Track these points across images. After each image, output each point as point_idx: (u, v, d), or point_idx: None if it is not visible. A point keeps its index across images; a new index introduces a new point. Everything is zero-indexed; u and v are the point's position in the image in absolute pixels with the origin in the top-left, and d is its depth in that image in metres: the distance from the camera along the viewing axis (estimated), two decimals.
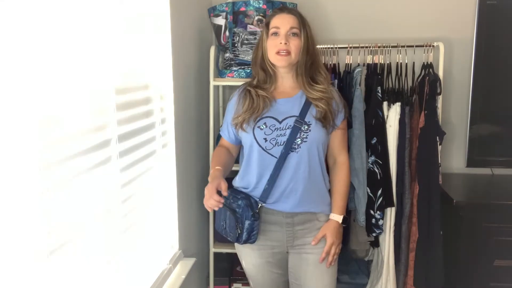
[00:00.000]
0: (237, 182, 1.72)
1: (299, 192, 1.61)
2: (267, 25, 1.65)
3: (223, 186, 1.49)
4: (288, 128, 1.60)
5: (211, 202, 1.49)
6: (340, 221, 1.66)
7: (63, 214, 1.05)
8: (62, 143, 1.05)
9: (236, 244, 1.72)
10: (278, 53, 1.59)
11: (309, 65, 1.64)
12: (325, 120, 1.62)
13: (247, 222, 1.58)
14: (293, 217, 1.63)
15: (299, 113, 1.61)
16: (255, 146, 1.62)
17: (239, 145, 1.75)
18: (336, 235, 1.65)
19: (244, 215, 1.58)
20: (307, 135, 1.60)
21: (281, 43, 1.58)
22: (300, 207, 1.62)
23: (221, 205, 1.50)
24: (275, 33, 1.61)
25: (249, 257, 1.71)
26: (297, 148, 1.59)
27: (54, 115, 1.01)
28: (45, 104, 0.98)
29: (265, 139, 1.61)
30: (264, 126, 1.61)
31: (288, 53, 1.59)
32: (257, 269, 1.71)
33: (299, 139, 1.59)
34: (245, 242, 1.61)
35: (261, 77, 1.68)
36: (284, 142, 1.59)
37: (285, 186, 1.61)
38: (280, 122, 1.62)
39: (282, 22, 1.61)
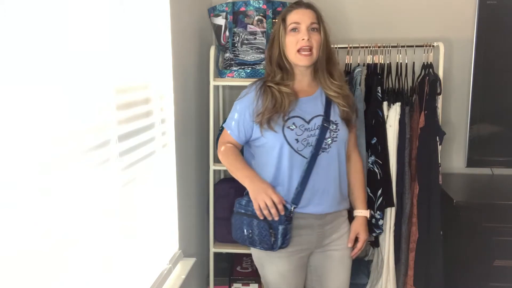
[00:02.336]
0: None
1: (331, 193, 1.60)
2: (284, 20, 1.58)
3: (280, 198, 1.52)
4: (317, 128, 1.57)
5: (274, 211, 1.50)
6: (368, 215, 1.71)
7: (63, 214, 1.05)
8: (62, 143, 1.05)
9: (257, 252, 1.66)
10: (299, 51, 1.54)
11: (327, 60, 1.62)
12: (348, 119, 1.64)
13: (281, 227, 1.51)
14: (324, 218, 1.62)
15: (324, 112, 1.60)
16: (285, 147, 1.55)
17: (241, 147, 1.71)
18: (366, 230, 1.70)
19: (277, 220, 1.52)
20: (337, 134, 1.59)
21: (303, 39, 1.53)
22: (332, 208, 1.62)
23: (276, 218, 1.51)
24: (295, 29, 1.56)
25: (275, 265, 1.63)
26: (328, 148, 1.57)
27: (54, 115, 1.01)
28: (45, 103, 0.98)
29: (297, 140, 1.56)
30: (294, 127, 1.56)
31: (310, 50, 1.54)
32: (283, 276, 1.63)
33: (329, 139, 1.58)
34: (280, 247, 1.54)
35: (278, 75, 1.61)
36: (314, 143, 1.56)
37: (318, 187, 1.57)
38: (308, 122, 1.58)
39: (302, 18, 1.55)
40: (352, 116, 1.67)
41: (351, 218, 1.74)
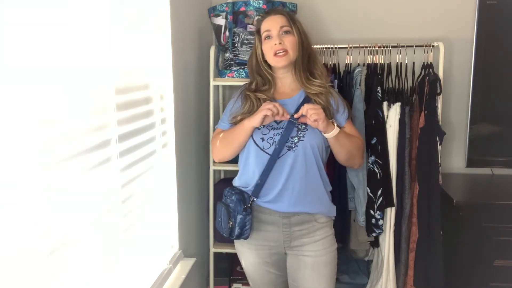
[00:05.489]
0: (236, 182, 1.73)
1: (296, 190, 1.60)
2: (258, 31, 1.67)
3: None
4: (284, 127, 1.61)
5: (269, 105, 1.53)
6: (333, 132, 1.56)
7: (63, 214, 1.05)
8: (62, 143, 1.05)
9: (235, 243, 1.74)
10: (275, 54, 1.60)
11: (306, 60, 1.66)
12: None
13: (239, 217, 1.60)
14: (290, 217, 1.63)
15: (295, 110, 1.61)
16: (252, 145, 1.63)
17: None
18: (320, 115, 1.51)
19: (236, 209, 1.60)
20: (304, 133, 1.60)
21: (275, 44, 1.59)
22: (296, 207, 1.61)
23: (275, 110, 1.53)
24: (268, 36, 1.63)
25: (247, 256, 1.72)
26: (294, 146, 1.59)
27: (54, 115, 1.01)
28: (45, 104, 0.98)
29: (262, 139, 1.62)
30: (261, 126, 1.61)
31: (286, 51, 1.59)
32: (254, 268, 1.71)
33: (295, 138, 1.59)
34: (238, 237, 1.62)
35: (259, 82, 1.69)
36: (278, 139, 1.59)
37: (282, 185, 1.60)
38: (277, 123, 1.62)
39: (272, 24, 1.63)
40: (333, 116, 1.64)
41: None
